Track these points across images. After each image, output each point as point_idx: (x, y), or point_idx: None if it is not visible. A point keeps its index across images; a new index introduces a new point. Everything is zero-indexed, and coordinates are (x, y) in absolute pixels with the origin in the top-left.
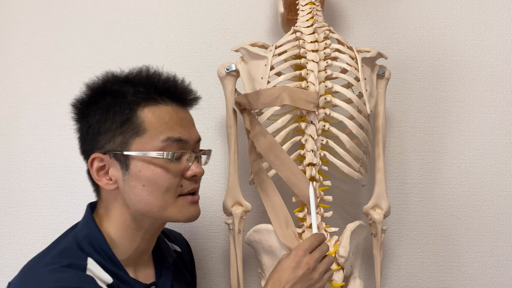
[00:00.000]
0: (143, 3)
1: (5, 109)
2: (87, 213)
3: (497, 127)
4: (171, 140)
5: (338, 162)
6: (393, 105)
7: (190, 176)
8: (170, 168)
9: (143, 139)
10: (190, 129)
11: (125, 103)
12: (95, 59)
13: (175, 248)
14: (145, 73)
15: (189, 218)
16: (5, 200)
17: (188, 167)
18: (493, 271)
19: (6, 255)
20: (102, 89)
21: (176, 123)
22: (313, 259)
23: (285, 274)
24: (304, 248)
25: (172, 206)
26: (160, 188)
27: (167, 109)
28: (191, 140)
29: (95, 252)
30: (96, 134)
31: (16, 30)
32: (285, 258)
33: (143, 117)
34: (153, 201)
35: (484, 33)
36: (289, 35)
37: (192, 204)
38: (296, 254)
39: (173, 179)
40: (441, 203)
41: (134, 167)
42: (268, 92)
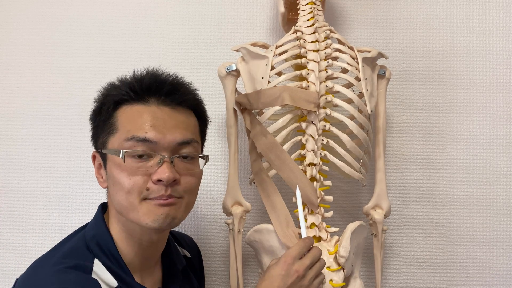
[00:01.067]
0: (143, 3)
1: (5, 109)
2: (97, 213)
3: (497, 127)
4: (135, 139)
5: (338, 162)
6: (393, 105)
7: (155, 180)
8: (133, 169)
9: (114, 138)
10: (166, 130)
11: (107, 103)
12: (95, 59)
13: (185, 253)
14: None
15: (156, 220)
16: (5, 200)
17: (155, 170)
18: (493, 271)
19: (6, 255)
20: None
21: (146, 123)
22: (303, 266)
23: (274, 282)
24: (293, 256)
25: (137, 208)
26: (123, 189)
27: (143, 108)
28: (164, 142)
29: (102, 254)
30: (94, 133)
31: (16, 30)
32: (274, 266)
33: (117, 116)
34: (120, 201)
35: (484, 33)
36: (290, 34)
37: (159, 206)
38: (285, 262)
39: (135, 180)
40: (441, 203)
41: (108, 166)
42: (268, 92)
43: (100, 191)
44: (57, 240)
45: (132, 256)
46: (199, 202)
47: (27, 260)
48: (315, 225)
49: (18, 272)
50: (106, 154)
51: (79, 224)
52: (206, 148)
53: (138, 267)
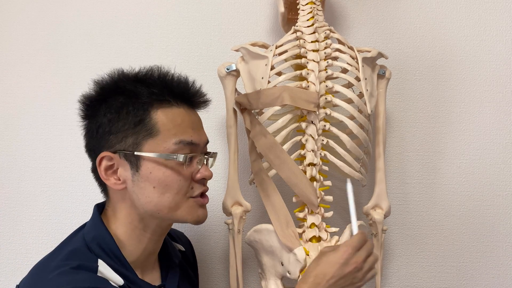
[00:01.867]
0: (143, 3)
1: (5, 109)
2: (94, 214)
3: (497, 127)
4: (183, 143)
5: (338, 162)
6: (393, 105)
7: (200, 178)
8: (181, 170)
9: (155, 141)
10: (201, 132)
11: (139, 103)
12: (95, 59)
13: (179, 248)
14: (157, 74)
15: (198, 220)
16: (5, 200)
17: (198, 169)
18: (493, 271)
19: (6, 255)
20: (114, 88)
21: (188, 126)
22: (361, 257)
23: (331, 268)
24: (353, 246)
25: (182, 207)
26: (171, 190)
27: (180, 111)
28: (202, 143)
29: (105, 254)
30: (106, 133)
31: (16, 30)
32: (332, 253)
33: (156, 118)
34: (164, 202)
35: (484, 33)
36: (290, 34)
37: (201, 207)
38: (346, 251)
39: (184, 182)
40: (441, 203)
41: (145, 168)
42: (268, 92)
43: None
44: (57, 240)
45: (138, 252)
46: None
47: (27, 260)
48: (315, 225)
49: (18, 272)
50: (139, 156)
51: (78, 224)
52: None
53: (140, 265)
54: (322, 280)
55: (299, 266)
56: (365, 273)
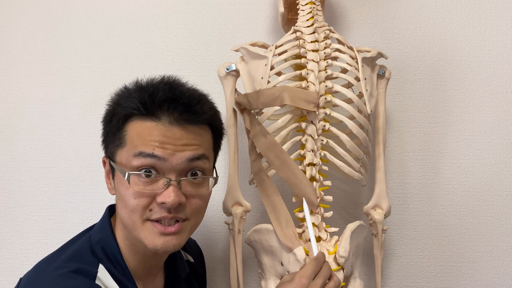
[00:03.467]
0: (143, 3)
1: (5, 109)
2: (104, 216)
3: (497, 127)
4: (143, 155)
5: (338, 162)
6: (393, 105)
7: (159, 203)
8: (139, 188)
9: (122, 152)
10: (176, 148)
11: (117, 114)
12: (95, 59)
13: (188, 259)
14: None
15: (155, 249)
16: (5, 200)
17: (161, 192)
18: (493, 271)
19: (6, 255)
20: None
21: (155, 140)
22: (316, 286)
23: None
24: (307, 275)
25: (139, 229)
26: (127, 207)
27: (152, 125)
28: (173, 160)
29: (107, 259)
30: (104, 139)
31: (16, 30)
32: (288, 284)
33: (127, 130)
34: (124, 217)
35: (484, 33)
36: (289, 34)
37: (160, 235)
38: (299, 282)
39: (139, 201)
40: (441, 203)
41: (116, 179)
42: (268, 92)
43: (100, 191)
44: (56, 240)
45: (136, 264)
46: None
47: (27, 260)
48: (314, 225)
49: (18, 272)
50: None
51: (79, 224)
52: None
53: (140, 275)
54: None
55: (299, 266)
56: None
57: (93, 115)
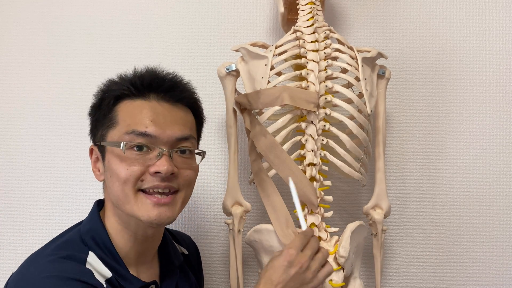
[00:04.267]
0: (143, 3)
1: (5, 109)
2: (93, 209)
3: (497, 127)
4: (135, 133)
5: (338, 162)
6: (393, 105)
7: (153, 172)
8: (131, 159)
9: (114, 132)
10: (166, 125)
11: (108, 98)
12: (95, 59)
13: (183, 251)
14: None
15: (149, 220)
16: (5, 200)
17: (154, 162)
18: (493, 271)
19: (6, 255)
20: (102, 88)
21: (147, 118)
22: (305, 257)
23: (277, 273)
24: (295, 246)
25: (133, 201)
26: (119, 179)
27: (142, 103)
28: (164, 136)
29: (97, 247)
30: (93, 127)
31: (16, 30)
32: (277, 257)
33: (118, 111)
34: (116, 192)
35: (484, 33)
36: (290, 35)
37: (154, 206)
38: (288, 253)
39: (132, 170)
40: (441, 203)
41: (106, 158)
42: (268, 92)
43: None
44: None
45: (127, 249)
46: (199, 202)
47: None
48: (314, 225)
49: None
50: (104, 147)
51: None
52: (206, 148)
53: (133, 261)
54: (270, 286)
55: None
56: (315, 272)
57: None
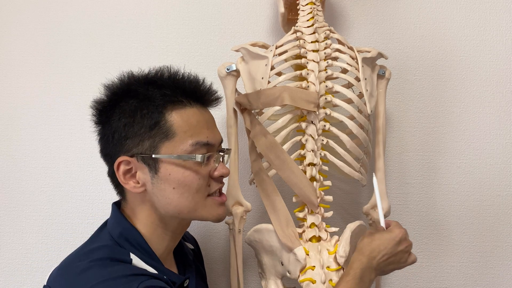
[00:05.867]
0: (143, 3)
1: (5, 109)
2: (115, 212)
3: (497, 127)
4: (200, 144)
5: (338, 162)
6: (393, 105)
7: (217, 176)
8: (199, 170)
9: (172, 143)
10: (215, 131)
11: (153, 106)
12: (95, 59)
13: (190, 246)
14: (167, 74)
15: (218, 218)
16: (5, 200)
17: (215, 167)
18: (493, 271)
19: (6, 255)
20: (126, 91)
21: (203, 126)
22: (410, 240)
23: (387, 245)
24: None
25: (202, 206)
26: (190, 190)
27: (193, 111)
28: (217, 142)
29: (134, 248)
30: (123, 138)
31: (16, 30)
32: (386, 232)
33: (171, 120)
34: (184, 202)
35: (484, 33)
36: (290, 35)
37: (220, 205)
38: (401, 232)
39: (202, 180)
40: (441, 203)
41: (164, 170)
42: (268, 92)
43: (100, 191)
44: (56, 240)
45: (161, 248)
46: None
47: (27, 260)
48: (315, 225)
49: (18, 272)
50: (157, 159)
51: (79, 224)
52: None
53: (165, 258)
54: (378, 254)
55: (299, 266)
56: (409, 256)
57: None
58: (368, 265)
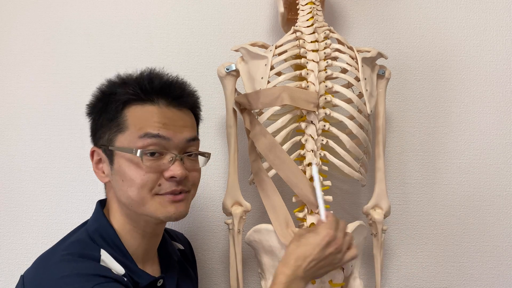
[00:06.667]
0: (143, 3)
1: (5, 109)
2: (96, 208)
3: (497, 127)
4: (148, 136)
5: (338, 162)
6: (393, 105)
7: (168, 177)
8: (146, 165)
9: (124, 136)
10: (176, 129)
11: (115, 101)
12: (95, 59)
13: (179, 247)
14: (138, 74)
15: (167, 216)
16: (5, 200)
17: (168, 167)
18: (493, 271)
19: (6, 255)
20: (105, 90)
21: (158, 121)
22: (340, 239)
23: (313, 251)
24: (333, 228)
25: (149, 202)
26: (134, 184)
27: (152, 108)
28: (175, 139)
29: (107, 244)
30: (95, 129)
31: (16, 30)
32: (312, 235)
33: (127, 115)
34: (131, 196)
35: (484, 33)
36: (289, 35)
37: (171, 203)
38: (328, 233)
39: (148, 177)
40: (441, 203)
41: (116, 162)
42: (268, 92)
43: (100, 191)
44: (57, 240)
45: (135, 247)
46: (199, 202)
47: (27, 260)
48: (314, 225)
49: (18, 272)
50: (113, 151)
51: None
52: (206, 148)
53: (140, 258)
54: (303, 262)
55: None
56: (344, 254)
57: None
58: (294, 276)
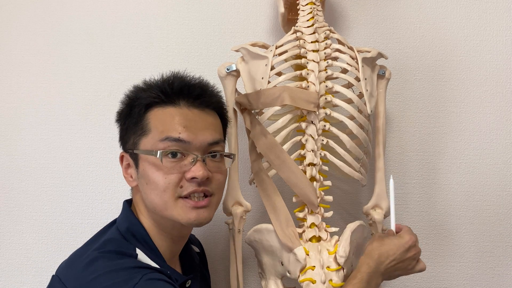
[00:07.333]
0: (143, 3)
1: (5, 109)
2: (125, 208)
3: (497, 127)
4: (169, 139)
5: (338, 162)
6: (393, 105)
7: (189, 178)
8: (167, 167)
9: (147, 139)
10: (198, 131)
11: (138, 106)
12: (95, 59)
13: (196, 250)
14: (160, 77)
15: (190, 222)
16: (5, 200)
17: (189, 168)
18: (493, 271)
19: (6, 255)
20: (130, 95)
21: (179, 124)
22: (419, 248)
23: (396, 251)
24: (416, 238)
25: (172, 207)
26: (158, 187)
27: (174, 110)
28: (196, 142)
29: (139, 243)
30: (123, 134)
31: (16, 30)
32: (397, 238)
33: (149, 118)
34: (155, 199)
35: (484, 33)
36: (290, 35)
37: (193, 209)
38: (411, 239)
39: (170, 179)
40: (441, 203)
41: (141, 166)
42: (268, 92)
43: (100, 191)
44: (56, 240)
45: (164, 248)
46: None
47: (27, 260)
48: (315, 225)
49: (18, 272)
50: (138, 155)
51: (79, 224)
52: None
53: (168, 260)
54: (386, 260)
55: (299, 266)
56: (417, 263)
57: (93, 115)
58: (376, 269)
